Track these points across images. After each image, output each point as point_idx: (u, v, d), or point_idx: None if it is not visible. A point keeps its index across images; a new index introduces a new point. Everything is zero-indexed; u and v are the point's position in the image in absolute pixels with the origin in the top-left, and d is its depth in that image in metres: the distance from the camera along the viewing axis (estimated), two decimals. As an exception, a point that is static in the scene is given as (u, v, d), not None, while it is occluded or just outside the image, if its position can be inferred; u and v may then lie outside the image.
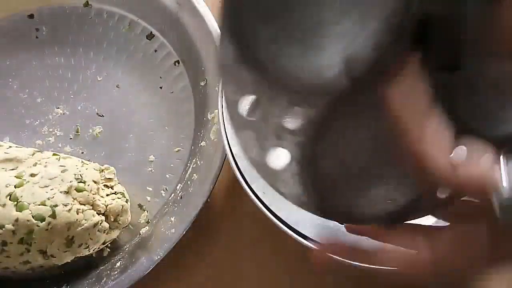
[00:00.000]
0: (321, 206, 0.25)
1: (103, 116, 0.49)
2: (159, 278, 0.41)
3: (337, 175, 0.26)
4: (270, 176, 0.25)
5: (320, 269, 0.24)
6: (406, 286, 0.25)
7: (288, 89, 0.23)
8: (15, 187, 0.37)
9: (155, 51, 0.51)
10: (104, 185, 0.41)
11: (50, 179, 0.38)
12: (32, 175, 0.38)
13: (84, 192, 0.38)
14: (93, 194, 0.39)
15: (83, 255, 0.40)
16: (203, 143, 0.45)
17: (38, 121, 0.48)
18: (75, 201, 0.38)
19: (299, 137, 0.24)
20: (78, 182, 0.38)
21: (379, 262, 0.24)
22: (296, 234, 0.37)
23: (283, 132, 0.24)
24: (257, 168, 0.25)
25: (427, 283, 0.24)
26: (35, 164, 0.39)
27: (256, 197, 0.38)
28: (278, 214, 0.40)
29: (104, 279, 0.39)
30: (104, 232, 0.40)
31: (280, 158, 0.25)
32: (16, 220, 0.36)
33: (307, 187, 0.25)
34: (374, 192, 0.26)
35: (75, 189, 0.38)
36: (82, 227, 0.37)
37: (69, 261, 0.39)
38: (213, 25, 0.46)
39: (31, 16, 0.53)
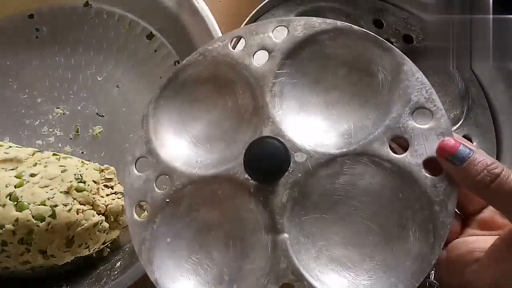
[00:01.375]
0: None
1: (103, 116, 0.49)
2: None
3: None
4: None
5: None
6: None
7: None
8: (15, 187, 0.37)
9: (155, 51, 0.51)
10: (104, 185, 0.41)
11: (50, 179, 0.38)
12: (32, 175, 0.38)
13: (84, 192, 0.38)
14: (93, 194, 0.39)
15: (83, 255, 0.40)
16: (203, 143, 0.45)
17: (38, 121, 0.48)
18: (75, 201, 0.38)
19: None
20: (78, 182, 0.38)
21: None
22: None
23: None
24: None
25: None
26: (35, 164, 0.39)
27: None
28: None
29: (104, 279, 0.39)
30: (104, 232, 0.40)
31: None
32: (16, 220, 0.36)
33: None
34: None
35: (75, 189, 0.38)
36: (82, 227, 0.37)
37: (69, 261, 0.39)
38: (213, 25, 0.46)
39: (31, 16, 0.52)
